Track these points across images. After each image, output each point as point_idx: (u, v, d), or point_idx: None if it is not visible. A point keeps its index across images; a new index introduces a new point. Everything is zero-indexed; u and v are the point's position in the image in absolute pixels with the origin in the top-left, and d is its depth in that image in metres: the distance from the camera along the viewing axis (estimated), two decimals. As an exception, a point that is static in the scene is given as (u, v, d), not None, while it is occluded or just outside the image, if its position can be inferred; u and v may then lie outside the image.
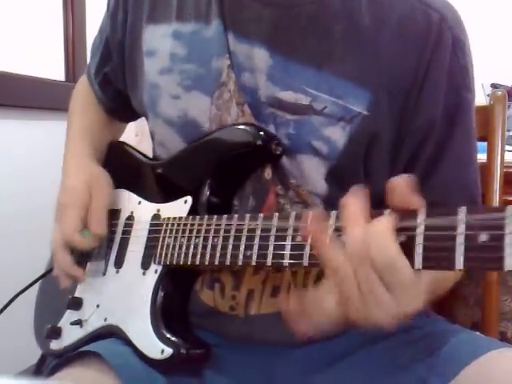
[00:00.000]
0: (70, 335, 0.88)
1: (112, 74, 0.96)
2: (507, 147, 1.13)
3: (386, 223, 0.53)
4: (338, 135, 0.74)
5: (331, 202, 0.76)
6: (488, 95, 1.18)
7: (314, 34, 0.75)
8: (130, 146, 0.99)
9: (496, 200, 1.07)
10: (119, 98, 0.97)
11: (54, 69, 2.02)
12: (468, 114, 0.79)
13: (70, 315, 0.90)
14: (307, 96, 0.75)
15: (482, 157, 1.06)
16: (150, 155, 0.94)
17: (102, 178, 0.90)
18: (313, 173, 0.76)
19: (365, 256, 0.52)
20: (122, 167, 0.96)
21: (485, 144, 1.07)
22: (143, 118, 0.94)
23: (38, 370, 0.99)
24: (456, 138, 0.77)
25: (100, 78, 0.99)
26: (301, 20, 0.76)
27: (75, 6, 2.08)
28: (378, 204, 0.77)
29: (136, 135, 1.87)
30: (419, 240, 0.51)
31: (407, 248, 0.52)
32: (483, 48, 0.81)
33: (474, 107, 0.81)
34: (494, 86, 1.82)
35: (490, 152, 1.07)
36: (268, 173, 0.77)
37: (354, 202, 0.55)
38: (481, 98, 0.79)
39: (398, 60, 0.74)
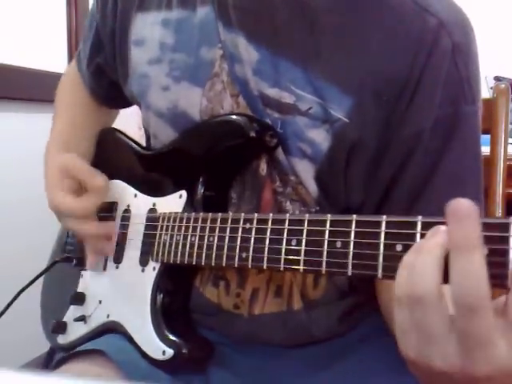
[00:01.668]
0: (75, 331, 0.89)
1: (105, 64, 0.95)
2: (510, 140, 1.13)
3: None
4: (321, 138, 0.71)
5: (321, 206, 0.74)
6: (491, 88, 1.18)
7: (300, 28, 0.72)
8: (123, 133, 0.97)
9: (499, 193, 1.06)
10: (113, 86, 0.95)
11: (56, 61, 2.02)
12: (468, 128, 0.72)
13: (73, 310, 0.90)
14: (292, 95, 0.72)
15: (485, 150, 1.04)
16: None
17: (76, 157, 0.87)
18: (304, 172, 0.73)
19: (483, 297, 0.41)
20: (116, 157, 0.95)
21: (488, 137, 1.06)
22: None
23: (48, 362, 1.00)
24: (452, 154, 0.71)
25: (93, 67, 0.97)
26: (285, 12, 0.72)
27: (78, -3, 2.07)
28: None
29: (140, 128, 1.87)
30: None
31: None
32: (486, 41, 0.79)
33: (477, 120, 0.73)
34: (497, 78, 1.81)
35: (494, 145, 1.07)
36: (263, 168, 0.75)
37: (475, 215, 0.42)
38: (484, 91, 0.76)
39: (388, 65, 0.70)
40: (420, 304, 0.44)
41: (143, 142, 0.94)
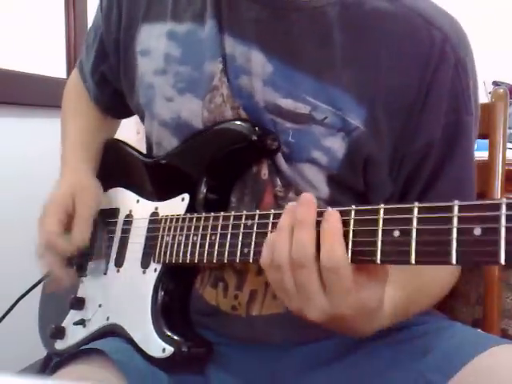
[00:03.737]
0: (74, 335, 0.89)
1: (109, 73, 0.95)
2: (509, 145, 1.13)
3: (335, 223, 0.56)
4: (337, 145, 0.74)
5: (335, 205, 0.76)
6: (489, 93, 1.18)
7: (314, 41, 0.74)
8: (126, 144, 0.98)
9: (498, 197, 1.07)
10: (117, 96, 0.96)
11: (55, 66, 2.02)
12: (467, 136, 0.77)
13: (73, 315, 0.90)
14: (306, 105, 0.74)
15: (483, 154, 1.05)
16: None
17: (88, 188, 0.90)
18: (314, 178, 0.75)
19: (309, 259, 0.56)
20: (119, 165, 0.97)
21: (486, 142, 1.06)
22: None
23: (44, 369, 0.99)
24: (454, 160, 0.76)
25: (97, 76, 0.98)
26: (299, 25, 0.75)
27: (76, 2, 2.08)
28: None
29: (138, 133, 1.87)
30: (413, 234, 0.51)
31: (401, 243, 0.52)
32: (485, 46, 0.79)
33: (474, 130, 0.79)
34: (495, 83, 1.81)
35: (492, 150, 1.07)
36: (264, 173, 0.77)
37: (309, 203, 0.58)
38: (482, 96, 0.78)
39: (397, 78, 0.73)
40: (301, 268, 0.57)
41: (142, 146, 0.95)
